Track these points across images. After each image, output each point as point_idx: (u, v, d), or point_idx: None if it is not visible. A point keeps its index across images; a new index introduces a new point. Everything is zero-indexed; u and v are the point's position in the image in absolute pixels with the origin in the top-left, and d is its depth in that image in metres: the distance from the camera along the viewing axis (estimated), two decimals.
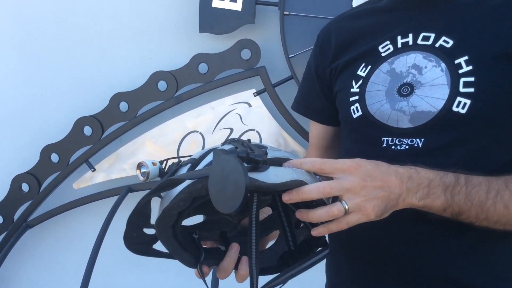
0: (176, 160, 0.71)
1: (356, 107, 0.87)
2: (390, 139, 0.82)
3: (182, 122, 1.69)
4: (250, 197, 0.66)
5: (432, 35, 0.81)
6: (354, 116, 0.87)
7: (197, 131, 1.69)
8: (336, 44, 0.95)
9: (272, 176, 0.61)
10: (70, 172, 1.79)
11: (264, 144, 0.73)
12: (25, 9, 1.75)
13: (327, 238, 0.82)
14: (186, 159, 0.70)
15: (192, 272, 0.73)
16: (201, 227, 0.77)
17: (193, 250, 0.71)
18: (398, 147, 0.81)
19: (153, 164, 0.70)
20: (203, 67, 1.67)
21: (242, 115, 1.66)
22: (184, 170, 0.66)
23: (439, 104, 0.77)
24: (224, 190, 0.55)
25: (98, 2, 1.73)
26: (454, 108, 0.76)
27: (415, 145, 0.79)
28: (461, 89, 0.76)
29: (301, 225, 0.79)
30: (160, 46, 1.74)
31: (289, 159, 0.67)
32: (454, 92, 0.76)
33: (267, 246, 0.85)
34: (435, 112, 0.77)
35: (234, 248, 0.72)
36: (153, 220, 0.67)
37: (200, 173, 0.60)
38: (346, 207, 0.64)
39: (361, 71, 0.88)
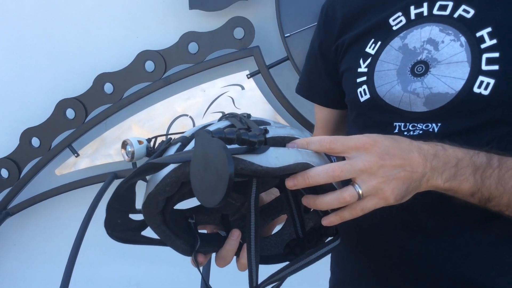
0: (165, 138, 0.62)
1: (364, 89, 0.78)
2: (402, 124, 0.74)
3: (171, 105, 1.60)
4: (249, 182, 0.58)
5: (450, 4, 0.72)
6: (362, 99, 0.79)
7: (186, 115, 1.60)
8: (342, 17, 0.85)
9: (272, 159, 0.53)
10: (52, 158, 1.70)
11: (267, 120, 0.64)
12: None
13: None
14: (176, 137, 0.61)
15: (185, 261, 0.66)
16: (199, 211, 0.70)
17: (187, 237, 0.64)
18: (412, 132, 0.73)
19: (139, 142, 0.61)
20: (193, 47, 1.57)
21: (234, 98, 1.57)
22: (173, 150, 0.58)
23: (458, 85, 0.69)
24: (206, 180, 0.46)
25: None
26: (476, 89, 0.67)
27: (430, 130, 0.71)
28: (484, 67, 0.67)
29: (311, 209, 0.71)
30: (147, 24, 1.64)
31: (295, 138, 0.59)
32: (475, 71, 0.67)
33: (274, 231, 0.77)
34: (454, 94, 0.69)
35: (235, 235, 0.65)
36: (139, 205, 0.60)
37: (186, 156, 0.52)
38: (360, 192, 0.55)
39: (369, 48, 0.79)
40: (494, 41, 0.67)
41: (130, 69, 1.61)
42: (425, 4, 0.74)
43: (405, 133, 0.73)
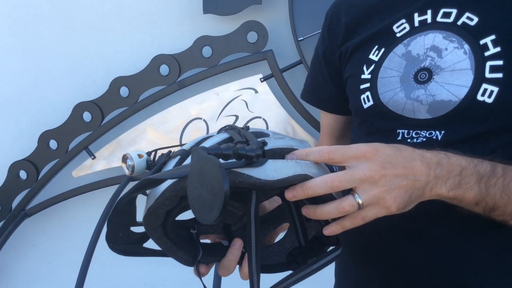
0: (166, 151, 0.63)
1: (367, 96, 0.78)
2: (406, 131, 0.73)
3: (185, 108, 1.62)
4: (248, 194, 0.58)
5: (454, 11, 0.71)
6: (365, 106, 0.78)
7: (200, 118, 1.61)
8: (346, 23, 0.85)
9: (270, 171, 0.53)
10: (69, 160, 1.73)
11: (266, 131, 0.64)
12: None
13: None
14: (176, 150, 0.62)
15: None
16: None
17: (189, 248, 0.64)
18: (415, 140, 0.72)
19: (139, 156, 0.62)
20: (207, 51, 1.58)
21: (248, 101, 1.58)
22: (172, 163, 0.58)
23: (462, 93, 0.68)
24: (202, 197, 0.46)
25: None
26: (479, 97, 0.66)
27: (434, 137, 0.70)
28: (487, 75, 0.66)
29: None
30: (163, 28, 1.66)
31: (294, 149, 0.59)
32: (479, 78, 0.67)
33: (277, 239, 0.77)
34: (457, 101, 0.68)
35: (237, 245, 0.64)
36: (139, 218, 0.60)
37: (183, 171, 0.52)
38: (360, 202, 0.55)
39: (373, 54, 0.78)
40: (498, 49, 0.66)
41: (145, 73, 1.63)
42: (429, 11, 0.74)
43: (409, 140, 0.73)
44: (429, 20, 0.73)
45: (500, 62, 0.66)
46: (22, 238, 1.89)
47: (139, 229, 0.62)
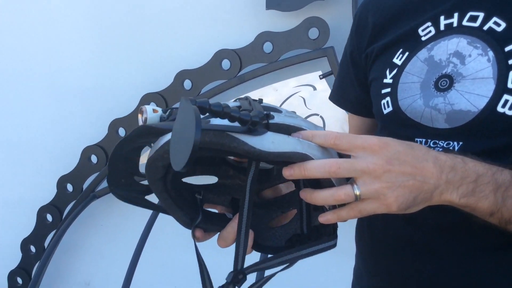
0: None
1: (387, 101, 0.75)
2: (424, 140, 0.70)
3: None
4: (248, 165, 0.58)
5: (481, 15, 0.66)
6: (385, 111, 0.76)
7: None
8: (373, 25, 0.81)
9: (268, 142, 0.51)
10: None
11: (280, 108, 0.62)
12: None
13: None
14: None
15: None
16: (209, 189, 0.70)
17: (191, 211, 0.64)
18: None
19: (154, 111, 0.62)
20: (268, 46, 1.60)
21: (306, 98, 1.58)
22: None
23: (481, 103, 0.64)
24: (179, 143, 0.46)
25: None
26: (499, 109, 0.62)
27: (451, 147, 0.67)
28: (510, 85, 0.61)
29: (321, 207, 0.68)
30: (226, 24, 1.70)
31: (302, 129, 0.56)
32: (500, 88, 0.62)
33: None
34: (476, 112, 0.64)
35: (237, 219, 0.63)
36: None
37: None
38: (357, 193, 0.52)
39: (397, 58, 0.75)
40: None
41: (207, 66, 1.68)
42: (456, 14, 0.69)
43: None
44: (455, 24, 0.69)
45: None
46: (90, 217, 2.04)
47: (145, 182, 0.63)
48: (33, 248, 2.09)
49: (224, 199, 0.71)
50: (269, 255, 0.65)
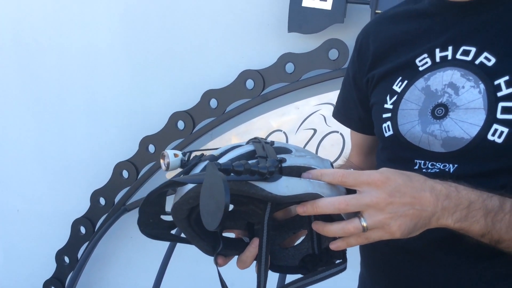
0: (199, 153, 0.70)
1: (388, 125, 0.81)
2: (422, 162, 0.76)
3: (266, 120, 1.72)
4: (264, 205, 0.65)
5: (473, 50, 0.72)
6: (386, 134, 0.82)
7: (281, 130, 1.71)
8: (374, 51, 0.88)
9: (282, 187, 0.58)
10: None
11: (289, 147, 0.68)
12: (132, 13, 1.91)
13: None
14: (208, 154, 0.69)
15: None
16: (226, 217, 0.77)
17: (212, 240, 0.70)
18: (430, 170, 0.75)
19: (175, 155, 0.70)
20: (289, 67, 1.68)
21: (326, 116, 1.64)
22: (201, 166, 0.65)
23: (473, 131, 0.70)
24: (208, 206, 0.53)
25: (197, 2, 1.82)
26: (490, 137, 0.68)
27: (447, 169, 0.73)
28: (499, 116, 0.67)
29: None
30: (251, 45, 1.78)
31: (311, 168, 0.63)
32: (490, 118, 0.68)
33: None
34: (469, 139, 0.70)
35: (255, 243, 0.69)
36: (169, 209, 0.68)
37: (200, 179, 0.58)
38: (364, 225, 0.58)
39: (396, 85, 0.81)
40: (511, 90, 0.67)
41: (232, 86, 1.77)
42: (450, 48, 0.75)
43: (424, 170, 0.75)
44: (449, 57, 0.75)
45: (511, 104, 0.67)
46: (121, 230, 2.13)
47: (169, 219, 0.70)
48: (67, 259, 2.20)
49: (241, 223, 0.77)
50: (286, 276, 0.72)
